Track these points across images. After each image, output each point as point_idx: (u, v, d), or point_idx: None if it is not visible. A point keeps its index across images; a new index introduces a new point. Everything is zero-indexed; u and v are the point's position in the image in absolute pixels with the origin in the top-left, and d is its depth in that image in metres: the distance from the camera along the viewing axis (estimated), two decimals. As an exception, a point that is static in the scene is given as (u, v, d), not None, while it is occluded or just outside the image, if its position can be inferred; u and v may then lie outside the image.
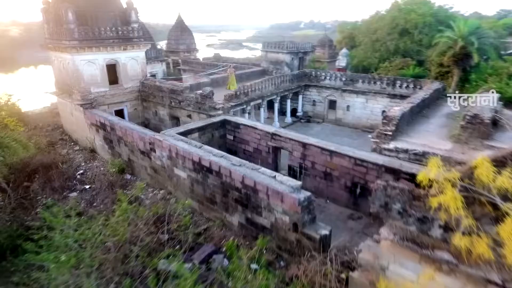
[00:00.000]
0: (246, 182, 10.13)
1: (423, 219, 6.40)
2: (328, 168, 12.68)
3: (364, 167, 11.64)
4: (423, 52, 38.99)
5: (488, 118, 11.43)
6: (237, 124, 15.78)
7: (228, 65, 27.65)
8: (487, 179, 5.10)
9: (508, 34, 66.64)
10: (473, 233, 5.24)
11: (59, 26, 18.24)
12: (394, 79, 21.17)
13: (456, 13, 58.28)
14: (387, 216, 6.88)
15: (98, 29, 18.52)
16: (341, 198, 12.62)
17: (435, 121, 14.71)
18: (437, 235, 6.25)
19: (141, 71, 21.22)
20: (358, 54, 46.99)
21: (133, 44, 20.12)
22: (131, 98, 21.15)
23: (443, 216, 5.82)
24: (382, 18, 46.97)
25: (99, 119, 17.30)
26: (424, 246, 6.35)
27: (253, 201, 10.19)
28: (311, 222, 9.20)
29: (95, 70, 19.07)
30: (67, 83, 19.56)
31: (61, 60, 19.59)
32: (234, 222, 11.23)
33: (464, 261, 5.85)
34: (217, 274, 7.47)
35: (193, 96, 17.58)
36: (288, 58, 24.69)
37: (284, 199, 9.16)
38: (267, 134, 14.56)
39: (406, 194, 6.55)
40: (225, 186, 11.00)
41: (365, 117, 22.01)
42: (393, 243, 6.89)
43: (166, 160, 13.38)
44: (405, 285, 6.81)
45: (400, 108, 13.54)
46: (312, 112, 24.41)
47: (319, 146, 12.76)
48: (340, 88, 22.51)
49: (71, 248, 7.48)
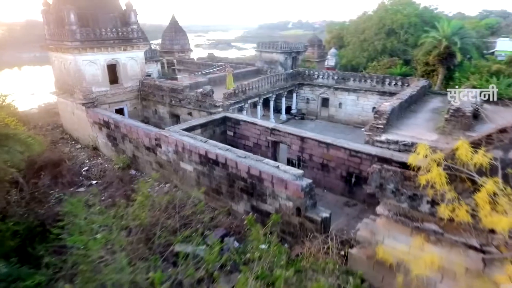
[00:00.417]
0: (251, 172, 10.97)
1: (413, 196, 7.38)
2: (325, 159, 13.63)
3: (359, 157, 12.63)
4: (409, 51, 40.59)
5: (469, 111, 12.58)
6: (238, 121, 16.60)
7: (223, 65, 28.45)
8: (466, 158, 6.09)
9: (490, 34, 69.19)
10: (455, 204, 6.22)
11: (61, 28, 18.71)
12: (383, 77, 22.32)
13: (441, 13, 60.42)
14: (382, 196, 7.84)
15: (99, 30, 19.06)
16: (337, 187, 13.59)
17: (422, 115, 15.86)
18: (425, 209, 7.23)
19: (140, 71, 21.81)
20: (347, 53, 48.40)
21: (132, 44, 20.70)
22: (131, 97, 21.72)
23: (430, 192, 6.80)
24: (370, 19, 48.46)
25: (102, 118, 17.86)
26: (415, 220, 7.33)
27: (258, 190, 11.05)
28: (313, 207, 10.11)
29: (96, 70, 19.59)
30: (68, 83, 20.01)
31: (62, 60, 20.03)
32: (239, 210, 12.06)
33: (448, 230, 6.85)
34: (230, 254, 8.29)
35: (194, 95, 18.31)
36: (282, 57, 25.62)
37: (288, 186, 10.04)
38: (266, 130, 15.42)
39: (398, 175, 7.52)
40: (231, 177, 11.82)
41: (357, 114, 23.11)
42: (387, 219, 7.85)
43: (172, 155, 14.10)
44: (398, 256, 7.79)
45: (390, 103, 14.61)
46: (305, 109, 25.41)
47: (316, 140, 13.70)
48: (332, 86, 23.56)
49: (97, 232, 8.19)
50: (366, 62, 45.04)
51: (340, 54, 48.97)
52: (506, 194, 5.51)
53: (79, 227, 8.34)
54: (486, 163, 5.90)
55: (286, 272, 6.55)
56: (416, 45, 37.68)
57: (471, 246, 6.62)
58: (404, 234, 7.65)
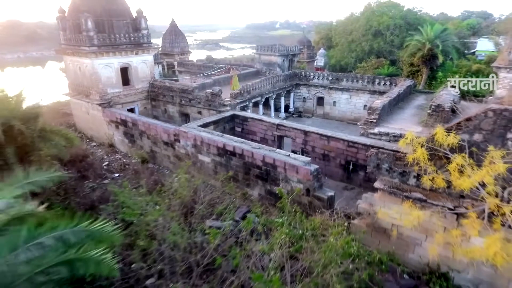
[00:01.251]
0: (266, 160, 12.84)
1: (403, 173, 9.38)
2: (326, 150, 15.60)
3: (355, 148, 14.64)
4: (395, 52, 43.09)
5: (448, 107, 14.74)
6: (246, 118, 18.43)
7: (223, 67, 30.21)
8: (442, 140, 8.09)
9: (471, 34, 72.32)
10: (434, 175, 8.22)
11: (78, 34, 20.15)
12: (374, 77, 24.50)
13: (424, 14, 63.34)
14: (379, 174, 9.82)
15: (114, 36, 20.59)
16: (337, 174, 15.57)
17: (408, 111, 18.04)
18: (412, 182, 9.25)
19: (150, 73, 23.39)
20: (336, 54, 50.56)
21: (143, 49, 22.28)
22: (141, 97, 23.28)
23: (416, 168, 8.80)
24: (357, 20, 50.72)
25: (119, 117, 19.41)
26: (404, 191, 9.32)
27: (272, 175, 12.92)
28: (320, 188, 12.06)
29: (111, 72, 21.10)
30: (83, 84, 21.44)
31: (77, 64, 21.44)
32: (254, 194, 13.91)
33: (430, 197, 8.86)
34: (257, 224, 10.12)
35: (204, 95, 20.05)
36: (280, 60, 27.54)
37: (299, 171, 11.95)
38: (273, 125, 17.30)
39: (391, 156, 9.51)
40: (247, 166, 13.66)
41: (349, 111, 25.24)
42: (383, 192, 9.84)
43: (190, 148, 15.83)
44: (392, 221, 9.79)
45: (381, 101, 16.69)
46: (302, 107, 27.42)
47: (318, 133, 15.65)
48: (327, 86, 25.63)
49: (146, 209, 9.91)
50: (354, 62, 47.40)
51: (329, 55, 51.17)
52: (470, 165, 7.53)
53: (131, 205, 10.03)
54: (456, 143, 7.93)
55: (306, 232, 8.43)
56: (401, 46, 40.19)
57: (447, 208, 8.64)
58: (396, 203, 9.64)
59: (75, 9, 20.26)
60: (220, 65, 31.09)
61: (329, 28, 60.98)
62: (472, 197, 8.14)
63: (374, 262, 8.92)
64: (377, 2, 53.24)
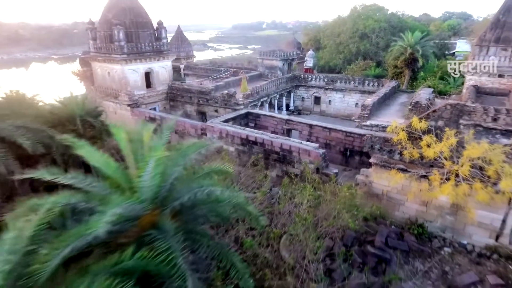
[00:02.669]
0: (283, 147, 16.24)
1: (390, 151, 12.91)
2: (327, 140, 19.09)
3: (352, 137, 18.17)
4: (380, 53, 46.96)
5: (424, 103, 18.45)
6: (258, 115, 21.78)
7: (229, 70, 33.44)
8: (417, 126, 11.64)
9: (452, 34, 76.68)
10: (412, 150, 11.77)
11: (109, 43, 23.10)
12: (364, 79, 28.23)
13: (407, 16, 67.47)
14: (372, 152, 13.33)
15: (140, 45, 23.63)
16: (337, 159, 19.08)
17: (393, 108, 21.76)
18: (396, 157, 12.79)
19: (169, 77, 26.49)
20: (325, 55, 54.03)
21: (163, 55, 25.38)
22: (161, 98, 26.35)
23: (399, 147, 12.34)
24: (344, 23, 54.26)
25: (148, 115, 22.45)
26: (391, 164, 12.84)
27: (288, 159, 16.33)
28: (326, 167, 15.53)
29: (137, 77, 24.13)
30: (112, 87, 24.38)
31: (106, 69, 24.36)
32: (273, 175, 17.26)
33: (409, 167, 12.40)
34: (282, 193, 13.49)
35: (220, 95, 23.30)
36: (280, 64, 30.98)
37: (310, 154, 15.40)
38: (282, 120, 20.70)
39: (381, 139, 13.04)
40: (267, 152, 17.02)
41: (343, 109, 28.90)
42: (376, 166, 13.35)
43: (216, 140, 19.07)
44: (382, 188, 13.33)
45: (371, 99, 20.33)
46: (301, 106, 30.96)
47: (321, 126, 19.14)
48: (323, 87, 29.23)
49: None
50: (342, 63, 51.11)
51: (318, 56, 54.63)
52: (435, 141, 11.10)
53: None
54: (426, 128, 11.50)
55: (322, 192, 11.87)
56: (386, 47, 44.02)
57: (422, 175, 12.20)
58: (385, 174, 13.17)
59: (107, 21, 23.18)
60: (226, 68, 34.31)
61: (318, 30, 64.52)
62: (438, 166, 11.72)
63: (370, 217, 12.49)
64: (363, 5, 57.15)
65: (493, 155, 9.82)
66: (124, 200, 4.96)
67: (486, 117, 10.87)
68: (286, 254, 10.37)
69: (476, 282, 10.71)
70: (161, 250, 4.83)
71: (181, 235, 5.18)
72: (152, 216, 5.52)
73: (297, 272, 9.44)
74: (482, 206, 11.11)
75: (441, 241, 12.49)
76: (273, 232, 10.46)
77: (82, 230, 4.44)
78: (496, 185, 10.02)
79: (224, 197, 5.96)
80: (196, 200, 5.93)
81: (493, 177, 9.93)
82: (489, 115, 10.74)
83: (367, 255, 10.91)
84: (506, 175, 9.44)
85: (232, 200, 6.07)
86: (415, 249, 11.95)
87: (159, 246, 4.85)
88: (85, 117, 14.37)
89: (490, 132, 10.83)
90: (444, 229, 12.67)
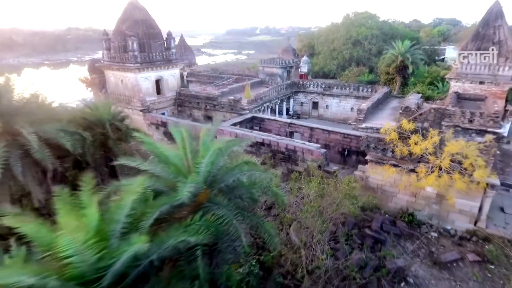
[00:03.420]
0: (289, 147, 18.11)
1: (383, 149, 14.85)
2: (327, 141, 21.01)
3: (349, 138, 20.12)
4: (372, 59, 49.15)
5: (413, 108, 20.53)
6: (262, 119, 23.66)
7: (231, 77, 35.35)
8: (406, 127, 13.61)
9: (442, 40, 79.07)
10: (402, 147, 13.71)
11: (123, 53, 24.85)
12: (358, 86, 30.35)
13: (398, 23, 69.88)
14: (368, 150, 15.26)
15: (151, 54, 25.42)
16: (336, 159, 21.00)
17: (386, 112, 23.82)
18: (389, 155, 14.73)
19: (177, 84, 28.28)
20: (319, 61, 56.11)
21: (172, 64, 27.19)
22: (170, 104, 28.10)
23: (391, 145, 14.29)
24: (338, 30, 56.47)
25: (160, 119, 24.20)
26: (385, 160, 14.77)
27: (292, 158, 18.20)
28: (327, 165, 17.44)
29: (148, 84, 25.88)
30: (125, 94, 26.08)
31: (120, 77, 26.07)
32: (278, 173, 19.08)
33: (400, 163, 14.34)
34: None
35: (226, 101, 25.15)
36: (280, 71, 32.99)
37: (313, 153, 17.30)
38: (285, 124, 22.61)
39: (376, 139, 14.98)
40: (273, 152, 18.86)
41: (339, 113, 30.94)
42: (371, 163, 15.27)
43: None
44: (377, 182, 15.24)
45: (366, 104, 22.37)
46: (300, 110, 32.96)
47: (321, 128, 21.08)
48: (320, 92, 31.28)
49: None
50: (336, 69, 53.26)
51: (312, 62, 56.70)
52: (421, 140, 13.06)
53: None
54: (414, 128, 13.48)
55: (324, 185, 13.74)
56: (378, 53, 46.22)
57: (410, 169, 14.15)
58: (380, 169, 15.10)
59: (121, 33, 24.96)
60: (228, 75, 36.22)
61: (311, 37, 66.74)
62: (424, 161, 13.68)
63: (367, 208, 14.39)
64: (355, 12, 59.58)
65: (469, 150, 11.81)
66: (190, 181, 6.73)
67: (463, 119, 12.89)
68: (296, 238, 12.18)
69: (457, 259, 12.66)
70: (218, 216, 6.64)
71: (232, 206, 7.01)
72: (205, 193, 7.30)
73: (306, 251, 11.25)
74: (462, 195, 13.10)
75: (428, 227, 14.43)
76: (286, 218, 12.29)
77: (171, 198, 6.24)
78: (471, 175, 11.99)
79: (261, 178, 7.80)
80: (237, 183, 7.76)
81: (469, 169, 11.90)
82: (466, 117, 12.76)
83: (365, 237, 12.79)
84: (479, 166, 11.41)
85: (264, 181, 7.91)
86: (406, 233, 13.87)
87: (216, 213, 6.65)
88: (112, 121, 16.08)
89: (467, 132, 12.84)
90: (431, 216, 14.60)
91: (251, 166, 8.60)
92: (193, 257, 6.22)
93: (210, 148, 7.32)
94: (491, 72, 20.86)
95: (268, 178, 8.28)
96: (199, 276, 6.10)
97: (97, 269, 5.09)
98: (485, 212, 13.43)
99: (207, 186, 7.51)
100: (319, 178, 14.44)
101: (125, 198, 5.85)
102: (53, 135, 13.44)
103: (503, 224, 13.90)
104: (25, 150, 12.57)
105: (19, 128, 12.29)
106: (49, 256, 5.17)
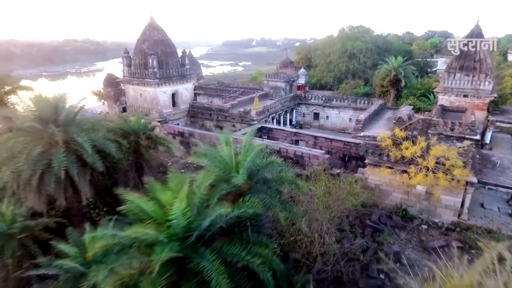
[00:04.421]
0: (296, 153, 20.57)
1: (380, 153, 17.34)
2: (329, 148, 23.50)
3: (349, 146, 22.64)
4: (367, 71, 51.90)
5: (405, 118, 23.16)
6: (270, 129, 26.17)
7: (238, 90, 38.00)
8: (398, 134, 16.15)
9: (435, 52, 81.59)
10: (395, 152, 16.21)
11: (143, 69, 27.42)
12: (356, 98, 33.11)
13: (392, 35, 73.02)
14: (367, 155, 17.74)
15: (169, 71, 28.03)
16: (337, 164, 23.45)
17: (381, 122, 26.47)
18: (385, 158, 17.22)
19: (190, 97, 30.84)
20: (316, 74, 58.71)
21: (186, 79, 29.80)
22: (184, 115, 30.58)
23: (386, 151, 16.80)
24: (334, 44, 59.23)
25: (177, 129, 26.61)
26: (381, 163, 17.24)
27: (300, 163, 20.63)
28: (331, 168, 19.88)
29: (166, 97, 28.40)
30: (144, 106, 28.54)
31: (139, 91, 28.57)
32: (287, 177, 21.48)
33: (394, 165, 16.82)
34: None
35: (237, 112, 27.67)
36: (283, 85, 35.73)
37: (319, 158, 19.76)
38: (291, 133, 25.13)
39: (373, 145, 17.48)
40: (283, 158, 21.27)
41: (339, 123, 33.59)
42: (370, 166, 17.74)
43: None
44: (375, 182, 17.68)
45: (363, 115, 25.00)
46: (302, 121, 35.58)
47: (324, 137, 23.60)
48: (321, 104, 33.98)
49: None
50: (333, 81, 55.87)
51: (310, 74, 59.29)
52: (411, 145, 15.58)
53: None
54: (405, 136, 16.01)
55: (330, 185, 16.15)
56: (373, 66, 48.88)
57: (403, 170, 16.63)
58: (377, 171, 17.56)
59: (141, 51, 27.58)
60: (234, 88, 38.92)
61: (308, 49, 69.59)
62: (413, 163, 16.16)
63: (366, 205, 16.79)
64: (350, 26, 62.68)
65: (450, 154, 14.33)
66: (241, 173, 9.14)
67: (446, 128, 15.46)
68: (307, 229, 14.51)
69: (444, 245, 15.03)
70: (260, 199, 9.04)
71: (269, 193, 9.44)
72: (248, 184, 9.70)
73: (318, 238, 13.59)
74: (447, 192, 15.58)
75: (419, 220, 16.81)
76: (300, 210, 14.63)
77: (228, 185, 8.68)
78: (453, 174, 14.48)
79: (289, 172, 10.27)
80: (270, 177, 10.19)
81: (451, 169, 14.40)
82: (448, 127, 15.33)
83: (366, 227, 15.16)
84: (458, 166, 13.92)
85: (289, 175, 10.37)
86: (400, 225, 16.26)
87: (259, 197, 9.06)
88: (144, 131, 18.46)
89: (449, 138, 15.38)
90: (421, 211, 17.01)
91: (278, 164, 10.99)
92: (244, 228, 8.61)
93: (250, 150, 9.75)
94: (473, 86, 23.65)
95: (292, 174, 10.67)
96: (250, 241, 8.46)
97: (186, 230, 7.45)
98: (466, 206, 15.88)
99: (248, 178, 9.92)
100: (326, 179, 16.86)
101: (202, 182, 8.24)
102: (100, 142, 15.79)
103: (482, 217, 16.36)
104: (78, 155, 14.90)
105: (75, 137, 14.63)
106: (152, 221, 7.54)
